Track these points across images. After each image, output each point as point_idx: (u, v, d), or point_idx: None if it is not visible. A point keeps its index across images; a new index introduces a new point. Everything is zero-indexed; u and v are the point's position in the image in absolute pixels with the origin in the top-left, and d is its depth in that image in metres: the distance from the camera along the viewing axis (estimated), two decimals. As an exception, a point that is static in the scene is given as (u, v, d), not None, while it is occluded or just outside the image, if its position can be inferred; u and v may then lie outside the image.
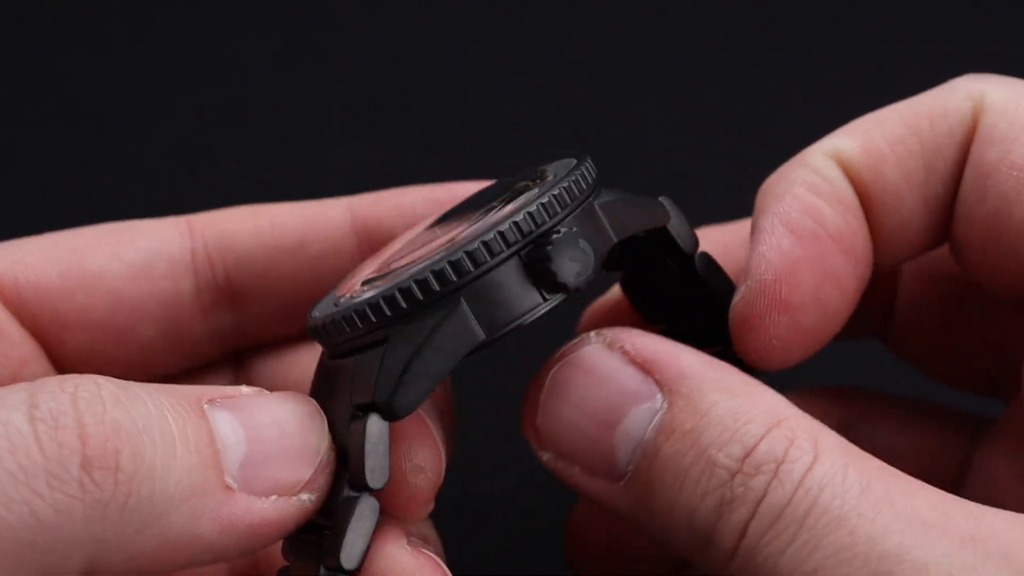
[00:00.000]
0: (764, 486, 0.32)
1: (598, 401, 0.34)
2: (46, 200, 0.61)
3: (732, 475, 0.32)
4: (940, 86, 0.38)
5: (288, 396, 0.34)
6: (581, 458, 0.34)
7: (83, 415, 0.29)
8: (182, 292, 0.41)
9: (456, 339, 0.32)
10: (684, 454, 0.33)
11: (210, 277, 0.41)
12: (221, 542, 0.31)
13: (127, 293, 0.40)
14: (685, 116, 0.64)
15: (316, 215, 0.41)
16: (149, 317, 0.40)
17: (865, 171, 0.37)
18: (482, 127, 0.64)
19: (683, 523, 0.33)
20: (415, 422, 0.35)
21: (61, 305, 0.40)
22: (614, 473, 0.34)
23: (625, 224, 0.35)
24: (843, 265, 0.37)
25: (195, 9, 0.67)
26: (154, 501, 0.30)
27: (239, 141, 0.63)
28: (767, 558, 0.31)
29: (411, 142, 0.64)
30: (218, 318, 0.41)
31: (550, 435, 0.35)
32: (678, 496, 0.33)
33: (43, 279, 0.39)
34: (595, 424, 0.34)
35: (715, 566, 0.33)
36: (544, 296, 0.33)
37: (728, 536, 0.32)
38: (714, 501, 0.32)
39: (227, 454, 0.31)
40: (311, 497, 0.33)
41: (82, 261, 0.40)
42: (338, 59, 0.66)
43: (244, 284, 0.41)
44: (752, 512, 0.32)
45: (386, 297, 0.32)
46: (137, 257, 0.40)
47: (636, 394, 0.34)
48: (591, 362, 0.35)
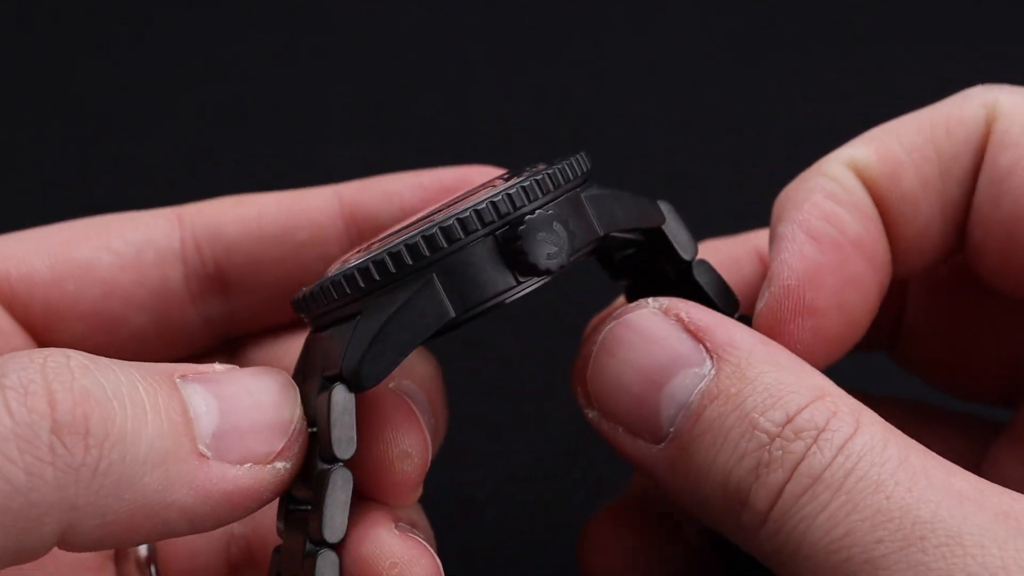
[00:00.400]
0: (803, 451, 0.32)
1: (648, 360, 0.34)
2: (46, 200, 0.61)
3: (772, 438, 0.32)
4: (952, 96, 0.39)
5: (260, 369, 0.34)
6: (625, 417, 0.35)
7: (51, 383, 0.30)
8: (171, 281, 0.41)
9: (426, 314, 0.32)
10: (726, 416, 0.33)
11: (199, 265, 0.41)
12: (197, 509, 0.32)
13: (117, 283, 0.41)
14: (685, 116, 0.64)
15: (303, 203, 0.42)
16: (140, 306, 0.41)
17: (882, 179, 0.38)
18: (482, 127, 0.64)
19: (718, 485, 0.33)
20: (400, 408, 0.35)
21: (52, 296, 0.40)
22: (656, 434, 0.34)
23: (613, 218, 0.35)
24: (864, 271, 0.37)
25: (195, 9, 0.67)
26: (126, 466, 0.30)
27: (239, 141, 0.63)
28: (802, 520, 0.32)
29: (411, 142, 0.64)
30: (208, 306, 0.42)
31: (597, 391, 0.35)
32: (716, 457, 0.33)
33: (33, 271, 0.40)
34: (642, 383, 0.34)
35: (746, 532, 0.33)
36: (517, 279, 0.33)
37: (763, 498, 0.32)
38: (751, 462, 0.33)
39: (200, 423, 0.32)
40: (286, 465, 0.33)
41: (72, 252, 0.40)
42: (338, 59, 0.66)
43: (233, 272, 0.42)
44: (789, 475, 0.32)
45: (360, 270, 0.33)
46: (126, 247, 0.41)
47: (686, 358, 0.34)
48: (645, 324, 0.35)
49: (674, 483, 0.34)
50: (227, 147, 0.63)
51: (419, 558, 0.34)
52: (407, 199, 0.41)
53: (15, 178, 0.62)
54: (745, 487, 0.33)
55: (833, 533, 0.31)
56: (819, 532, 0.31)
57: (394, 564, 0.33)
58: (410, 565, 0.34)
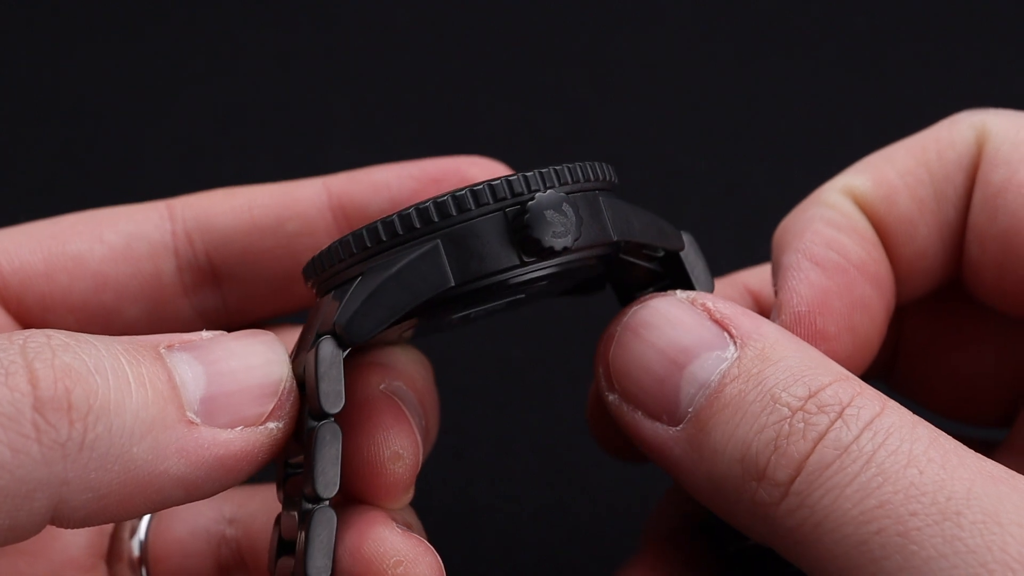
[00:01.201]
0: (826, 424, 0.32)
1: (671, 342, 0.34)
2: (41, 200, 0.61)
3: (793, 412, 0.32)
4: (941, 121, 0.39)
5: (246, 332, 0.34)
6: (645, 397, 0.34)
7: (32, 361, 0.30)
8: (164, 272, 0.41)
9: (425, 278, 0.32)
10: (747, 394, 0.33)
11: (191, 257, 0.42)
12: (190, 476, 0.32)
13: (110, 275, 0.41)
14: (685, 116, 0.64)
15: (292, 194, 0.42)
16: (133, 298, 0.41)
17: (879, 203, 0.38)
18: (482, 127, 0.64)
19: (735, 461, 0.33)
20: (390, 410, 0.35)
21: (46, 289, 0.40)
22: (675, 415, 0.34)
23: (629, 227, 0.34)
24: (870, 293, 0.38)
25: (195, 9, 0.67)
26: (112, 437, 0.30)
27: (239, 141, 0.63)
28: (828, 492, 0.31)
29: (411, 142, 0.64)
30: (201, 297, 0.42)
31: (619, 371, 0.35)
32: (734, 432, 0.33)
33: (27, 264, 0.40)
34: (664, 363, 0.34)
35: (762, 509, 0.32)
36: (522, 259, 0.33)
37: (783, 468, 0.32)
38: (771, 434, 0.32)
39: (186, 390, 0.32)
40: (278, 425, 0.33)
41: (64, 246, 0.41)
42: (338, 59, 0.66)
43: (224, 263, 0.42)
44: (812, 447, 0.32)
45: (370, 229, 0.33)
46: (118, 239, 0.41)
47: (709, 341, 0.34)
48: (671, 309, 0.35)
49: (688, 464, 0.34)
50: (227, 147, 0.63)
51: (423, 555, 0.34)
52: (396, 189, 0.42)
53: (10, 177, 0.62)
54: (763, 459, 0.32)
55: (864, 504, 0.31)
56: (848, 503, 0.31)
57: (399, 562, 0.33)
58: (414, 562, 0.34)
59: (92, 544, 0.41)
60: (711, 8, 0.67)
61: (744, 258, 0.59)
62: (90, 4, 0.67)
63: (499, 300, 0.36)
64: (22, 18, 0.66)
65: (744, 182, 0.62)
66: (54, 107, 0.64)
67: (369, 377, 0.36)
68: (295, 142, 0.63)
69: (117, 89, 0.64)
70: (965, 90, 0.64)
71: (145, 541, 0.41)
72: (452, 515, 0.53)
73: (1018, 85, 0.64)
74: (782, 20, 0.66)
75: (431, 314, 0.35)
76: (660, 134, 0.64)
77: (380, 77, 0.65)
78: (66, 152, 0.63)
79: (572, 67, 0.66)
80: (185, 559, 0.41)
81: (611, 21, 0.67)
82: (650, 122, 0.64)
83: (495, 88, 0.65)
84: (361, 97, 0.64)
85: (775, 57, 0.65)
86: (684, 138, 0.64)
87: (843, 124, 0.64)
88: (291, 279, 0.41)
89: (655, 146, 0.63)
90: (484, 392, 0.57)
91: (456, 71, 0.65)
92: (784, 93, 0.64)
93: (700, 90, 0.65)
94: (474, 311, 0.36)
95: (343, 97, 0.65)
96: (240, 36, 0.66)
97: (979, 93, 0.64)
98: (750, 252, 0.59)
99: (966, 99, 0.64)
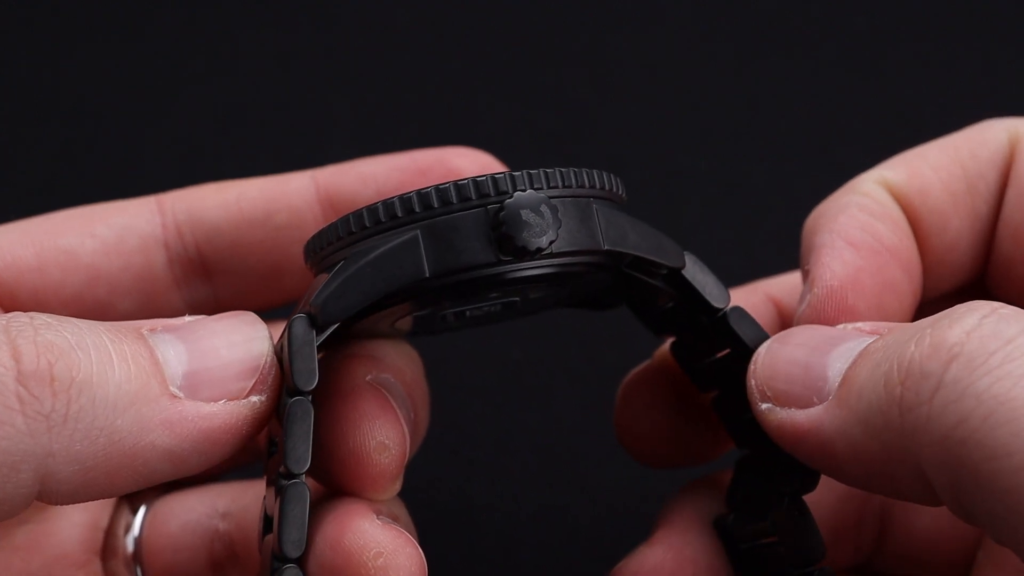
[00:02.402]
0: (978, 319, 0.30)
1: (817, 335, 0.35)
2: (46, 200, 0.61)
3: (934, 321, 0.31)
4: (972, 125, 0.40)
5: (227, 313, 0.35)
6: (794, 388, 0.34)
7: (15, 338, 0.31)
8: (155, 265, 0.42)
9: (402, 267, 0.33)
10: (892, 340, 0.32)
11: (181, 250, 0.42)
12: (176, 448, 0.32)
13: (102, 268, 0.41)
14: (685, 116, 0.64)
15: (280, 187, 0.43)
16: (125, 291, 0.42)
17: (912, 194, 0.39)
18: (482, 127, 0.64)
19: (880, 386, 0.31)
20: (377, 400, 0.36)
21: (38, 283, 0.41)
22: (822, 392, 0.33)
23: (623, 239, 0.34)
24: (900, 278, 0.38)
25: (195, 9, 0.67)
26: (96, 409, 0.31)
27: (239, 141, 0.63)
28: (999, 379, 0.29)
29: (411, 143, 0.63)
30: (192, 290, 0.43)
31: (767, 374, 0.35)
32: (877, 366, 0.32)
33: (18, 259, 0.41)
34: (810, 351, 0.34)
35: (915, 414, 0.30)
36: (499, 258, 0.33)
37: (931, 358, 0.30)
38: (916, 339, 0.31)
39: (169, 365, 0.33)
40: (261, 399, 0.34)
41: (56, 240, 0.41)
42: (338, 59, 0.66)
43: (215, 256, 0.42)
44: (965, 336, 0.30)
45: (355, 215, 0.33)
46: (109, 233, 0.42)
47: (853, 333, 0.34)
48: (817, 325, 0.36)
49: (839, 431, 0.32)
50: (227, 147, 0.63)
51: (403, 547, 0.34)
52: (383, 181, 0.42)
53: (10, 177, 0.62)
54: (906, 361, 0.30)
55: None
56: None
57: (379, 554, 0.34)
58: (394, 555, 0.34)
59: (86, 540, 0.41)
60: (711, 8, 0.67)
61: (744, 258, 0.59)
62: (90, 4, 0.67)
63: (486, 299, 0.36)
64: (22, 18, 0.66)
65: (744, 182, 0.62)
66: (54, 107, 0.64)
67: (357, 368, 0.37)
68: (295, 142, 0.63)
69: (117, 89, 0.64)
70: (965, 90, 0.64)
71: (139, 536, 0.41)
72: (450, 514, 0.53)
73: (1018, 85, 0.64)
74: (782, 20, 0.66)
75: (422, 308, 0.35)
76: (660, 134, 0.63)
77: (380, 77, 0.65)
78: (66, 152, 0.63)
79: (572, 67, 0.65)
80: (178, 554, 0.41)
81: (611, 21, 0.67)
82: (650, 122, 0.64)
83: (495, 88, 0.65)
84: (361, 97, 0.64)
85: (775, 57, 0.65)
86: (684, 138, 0.64)
87: (843, 124, 0.64)
88: (281, 271, 0.42)
89: (655, 146, 0.63)
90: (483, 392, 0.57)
91: (456, 71, 0.65)
92: (784, 93, 0.64)
93: (700, 90, 0.65)
94: (468, 310, 0.36)
95: (343, 97, 0.65)
96: (240, 36, 0.66)
97: (979, 93, 0.64)
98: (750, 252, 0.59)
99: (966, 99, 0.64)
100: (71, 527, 0.41)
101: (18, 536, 0.40)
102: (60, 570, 0.40)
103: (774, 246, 0.57)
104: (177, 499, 0.42)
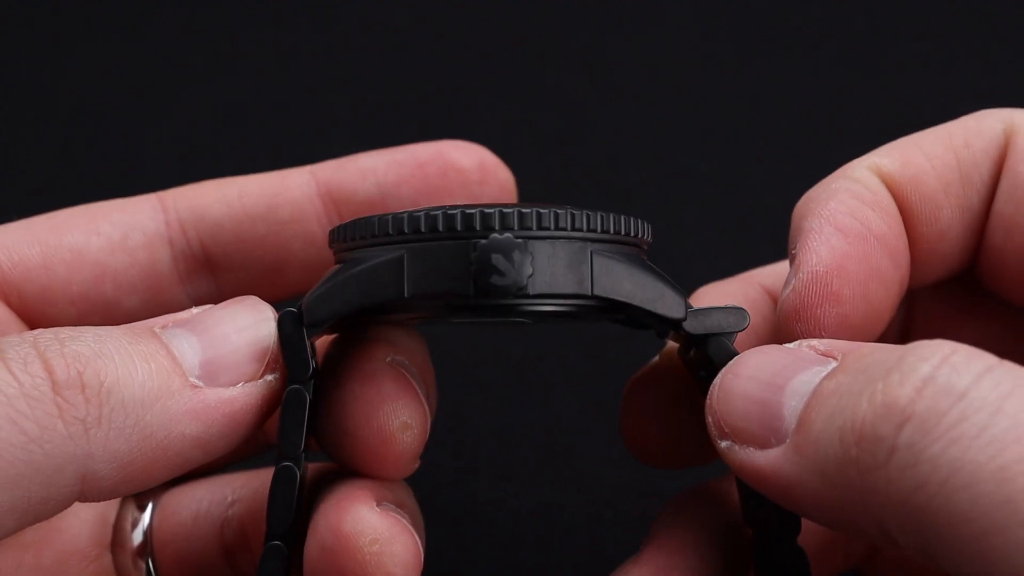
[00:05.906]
0: (929, 370, 0.30)
1: (771, 366, 0.34)
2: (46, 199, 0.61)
3: (887, 370, 0.30)
4: (968, 115, 0.40)
5: (231, 300, 0.36)
6: (751, 427, 0.33)
7: (44, 352, 0.33)
8: (160, 262, 0.43)
9: (381, 284, 0.34)
10: (844, 383, 0.31)
11: (185, 247, 0.43)
12: (204, 435, 0.34)
13: (108, 265, 0.42)
14: (685, 116, 0.64)
15: (281, 182, 0.43)
16: (131, 287, 0.43)
17: (905, 182, 0.39)
18: (482, 127, 0.64)
19: (835, 440, 0.31)
20: (399, 381, 0.37)
21: (45, 281, 0.42)
22: (780, 433, 0.33)
23: (616, 287, 0.34)
24: (887, 265, 0.38)
25: (195, 9, 0.67)
26: (126, 408, 0.33)
27: (239, 141, 0.63)
28: (951, 444, 0.28)
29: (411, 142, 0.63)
30: (197, 286, 0.44)
31: (723, 411, 0.34)
32: (832, 413, 0.31)
33: (25, 258, 0.41)
34: (764, 387, 0.33)
35: (872, 475, 0.29)
36: (474, 291, 0.33)
37: (885, 421, 0.29)
38: (869, 395, 0.30)
39: (186, 358, 0.35)
40: (276, 376, 0.36)
41: (61, 238, 0.42)
42: (338, 59, 0.66)
43: (218, 252, 0.43)
44: (915, 394, 0.29)
45: (359, 222, 0.35)
46: (114, 231, 0.42)
47: (811, 360, 0.33)
48: (768, 350, 0.35)
49: (797, 475, 0.32)
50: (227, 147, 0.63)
51: (400, 535, 0.35)
52: (382, 175, 0.43)
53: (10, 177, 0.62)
54: (859, 418, 0.30)
55: (1002, 458, 0.27)
56: (982, 456, 0.28)
57: (375, 540, 0.35)
58: (390, 542, 0.35)
59: (96, 534, 0.41)
60: (711, 8, 0.67)
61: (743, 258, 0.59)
62: (90, 4, 0.67)
63: (492, 319, 0.36)
64: (22, 18, 0.66)
65: (744, 182, 0.62)
66: (54, 107, 0.64)
67: (376, 351, 0.37)
68: (295, 142, 0.63)
69: (117, 89, 0.64)
70: (965, 90, 0.64)
71: (149, 528, 0.42)
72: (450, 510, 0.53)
73: (1018, 85, 0.64)
74: (782, 20, 0.66)
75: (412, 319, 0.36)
76: (660, 134, 0.64)
77: (380, 77, 0.65)
78: (66, 152, 0.63)
79: (572, 67, 0.66)
80: (190, 543, 0.42)
81: (611, 21, 0.67)
82: (650, 122, 0.64)
83: (495, 88, 0.65)
84: (361, 97, 0.64)
85: (775, 57, 0.65)
86: (684, 138, 0.64)
87: (843, 124, 0.64)
88: (283, 265, 0.43)
89: (655, 146, 0.63)
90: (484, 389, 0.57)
91: (456, 71, 0.65)
92: (784, 93, 0.64)
93: (700, 90, 0.65)
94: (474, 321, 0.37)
95: (343, 97, 0.65)
96: (240, 36, 0.66)
97: (979, 93, 0.64)
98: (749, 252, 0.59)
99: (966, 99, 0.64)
100: (80, 523, 0.41)
101: (27, 533, 0.40)
102: (72, 565, 0.41)
103: (774, 246, 0.57)
104: (185, 491, 0.43)
